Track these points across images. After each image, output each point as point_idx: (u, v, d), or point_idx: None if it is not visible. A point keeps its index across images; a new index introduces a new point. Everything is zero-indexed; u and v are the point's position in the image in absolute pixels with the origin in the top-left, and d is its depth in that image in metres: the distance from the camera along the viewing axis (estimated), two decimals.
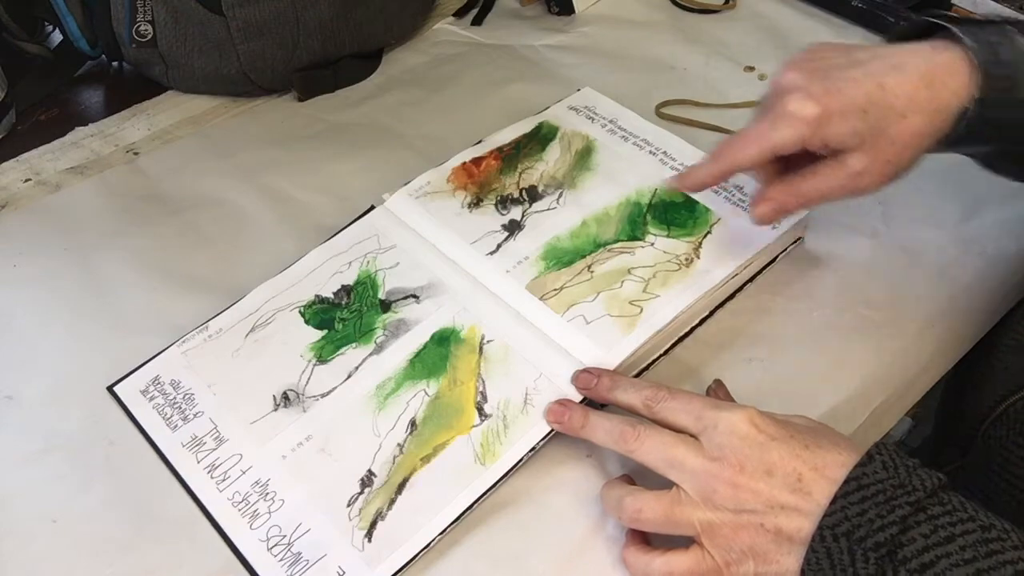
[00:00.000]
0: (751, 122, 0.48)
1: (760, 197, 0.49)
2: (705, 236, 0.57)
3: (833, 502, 0.38)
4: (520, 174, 0.62)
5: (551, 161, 0.63)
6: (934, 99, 0.45)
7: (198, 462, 0.48)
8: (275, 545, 0.45)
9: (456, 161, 0.62)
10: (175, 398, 0.51)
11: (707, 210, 0.58)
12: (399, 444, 0.48)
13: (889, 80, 0.45)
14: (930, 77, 0.45)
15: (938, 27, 0.48)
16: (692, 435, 0.43)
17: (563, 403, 0.48)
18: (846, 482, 0.39)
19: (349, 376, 0.51)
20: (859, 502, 0.38)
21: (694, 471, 0.41)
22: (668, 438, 0.43)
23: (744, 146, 0.47)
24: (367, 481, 0.47)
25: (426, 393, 0.50)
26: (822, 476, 0.39)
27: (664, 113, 0.70)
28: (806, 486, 0.39)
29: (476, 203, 0.60)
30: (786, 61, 0.48)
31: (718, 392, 0.50)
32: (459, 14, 0.83)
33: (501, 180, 0.61)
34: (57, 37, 0.74)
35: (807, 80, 0.46)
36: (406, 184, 0.61)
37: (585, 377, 0.48)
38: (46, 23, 0.74)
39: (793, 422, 0.43)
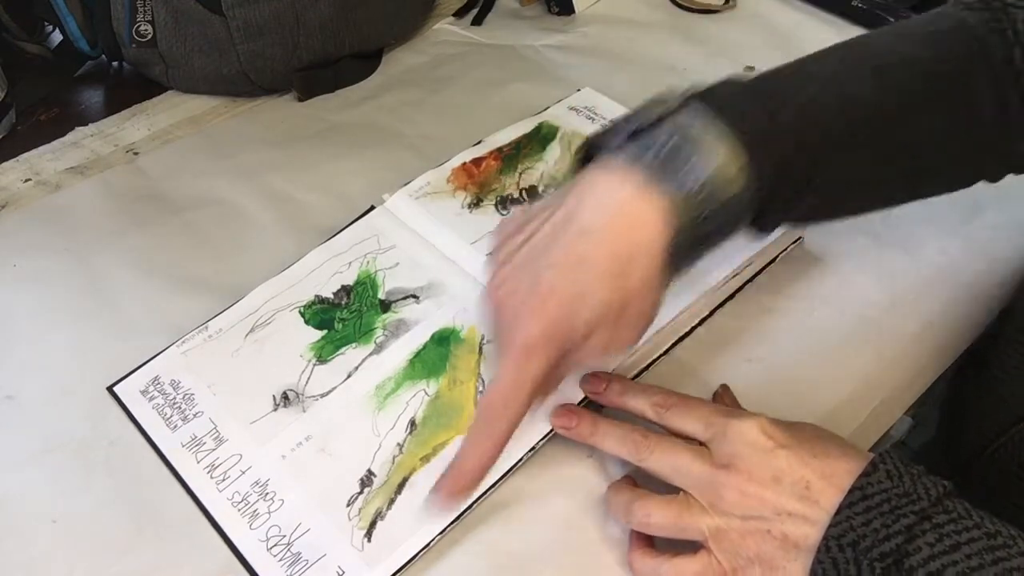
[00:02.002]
0: (495, 376, 0.41)
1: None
2: None
3: (838, 512, 0.38)
4: (520, 174, 0.62)
5: (551, 161, 0.63)
6: (635, 246, 0.40)
7: (198, 462, 0.48)
8: (275, 545, 0.45)
9: (456, 161, 0.62)
10: (175, 398, 0.51)
11: None
12: (399, 444, 0.48)
13: (583, 250, 0.40)
14: (619, 225, 0.40)
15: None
16: (701, 441, 0.43)
17: (571, 409, 0.47)
18: (850, 492, 0.39)
19: (349, 376, 0.51)
20: (864, 512, 0.38)
21: (702, 478, 0.41)
22: (677, 446, 0.43)
23: (506, 409, 0.40)
24: (367, 481, 0.47)
25: (426, 393, 0.50)
26: (830, 484, 0.39)
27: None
28: (814, 494, 0.39)
29: (476, 203, 0.60)
30: (489, 276, 0.43)
31: (724, 397, 0.50)
32: (459, 14, 0.83)
33: (501, 180, 0.61)
34: (57, 37, 0.74)
35: (515, 299, 0.41)
36: (406, 184, 0.61)
37: (595, 381, 0.48)
38: (46, 23, 0.74)
39: (802, 430, 0.42)
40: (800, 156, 0.41)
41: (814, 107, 0.42)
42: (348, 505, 0.46)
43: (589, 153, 0.43)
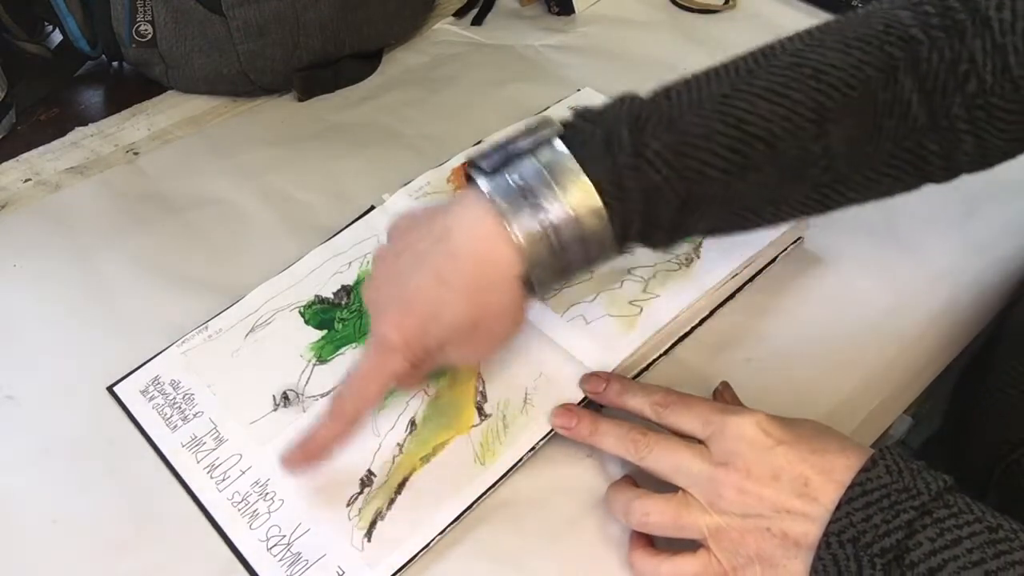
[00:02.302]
0: (358, 362, 0.44)
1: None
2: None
3: (838, 508, 0.38)
4: None
5: None
6: (490, 276, 0.42)
7: (198, 462, 0.48)
8: (275, 545, 0.45)
9: (456, 161, 0.62)
10: (175, 398, 0.51)
11: None
12: (399, 444, 0.48)
13: (445, 273, 0.42)
14: (478, 256, 0.42)
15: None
16: (700, 440, 0.43)
17: (570, 409, 0.47)
18: (850, 487, 0.38)
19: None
20: (864, 508, 0.38)
21: (701, 476, 0.41)
22: (676, 444, 0.43)
23: (362, 394, 0.44)
24: (367, 481, 0.47)
25: (426, 393, 0.50)
26: (829, 480, 0.39)
27: None
28: (813, 491, 0.39)
29: None
30: (372, 266, 0.46)
31: (724, 395, 0.50)
32: (459, 14, 0.83)
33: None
34: (57, 37, 0.74)
35: (382, 301, 0.44)
36: (406, 184, 0.61)
37: (595, 381, 0.48)
38: (46, 23, 0.74)
39: (801, 426, 0.42)
40: (676, 184, 0.41)
41: (698, 133, 0.41)
42: (348, 505, 0.46)
43: (470, 172, 0.44)
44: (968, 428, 0.59)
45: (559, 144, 0.42)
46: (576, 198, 0.41)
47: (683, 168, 0.41)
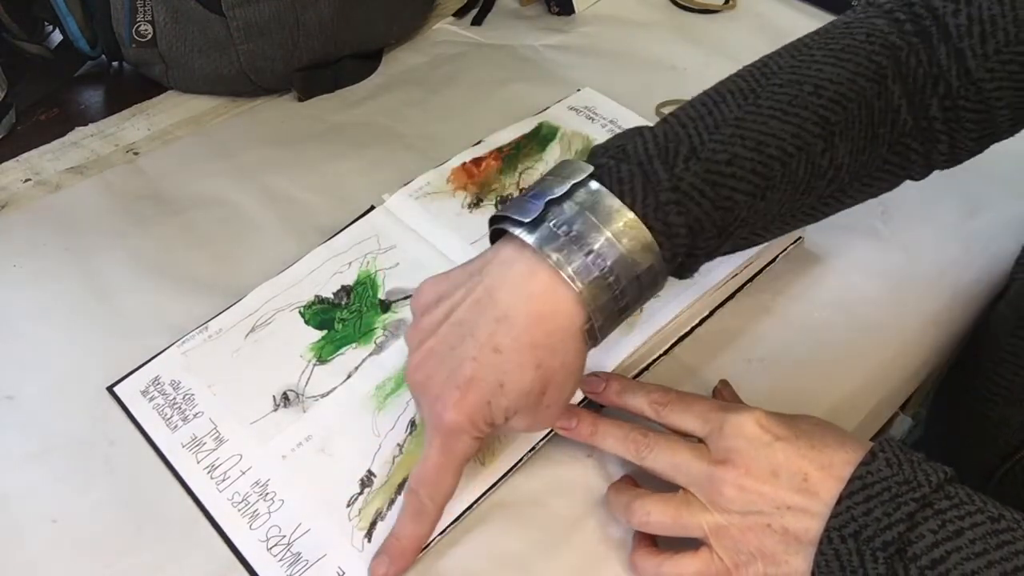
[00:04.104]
0: (424, 452, 0.42)
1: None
2: None
3: (838, 503, 0.38)
4: (520, 174, 0.62)
5: (551, 161, 0.63)
6: (553, 333, 0.40)
7: (198, 462, 0.48)
8: (275, 545, 0.45)
9: (456, 161, 0.62)
10: (175, 398, 0.51)
11: None
12: (399, 444, 0.48)
13: (500, 340, 0.39)
14: (536, 313, 0.39)
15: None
16: (699, 438, 0.43)
17: (571, 410, 0.47)
18: (850, 482, 0.38)
19: (349, 376, 0.51)
20: (864, 501, 0.38)
21: (700, 474, 0.41)
22: (675, 443, 0.43)
23: (438, 486, 0.42)
24: (367, 481, 0.47)
25: None
26: (829, 475, 0.39)
27: (664, 113, 0.70)
28: (813, 486, 0.39)
29: (476, 203, 0.60)
30: (408, 339, 0.44)
31: (723, 393, 0.50)
32: (459, 14, 0.83)
33: (501, 180, 0.61)
34: (57, 37, 0.74)
35: (436, 385, 0.41)
36: (406, 184, 0.61)
37: (594, 381, 0.48)
38: (46, 23, 0.74)
39: (800, 422, 0.42)
40: (712, 216, 0.41)
41: (723, 159, 0.40)
42: (348, 505, 0.46)
43: (496, 224, 0.42)
44: (963, 438, 0.59)
45: (596, 185, 0.40)
46: (628, 238, 0.39)
47: (716, 197, 0.40)
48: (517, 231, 0.40)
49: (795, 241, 0.59)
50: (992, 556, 0.36)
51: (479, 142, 0.64)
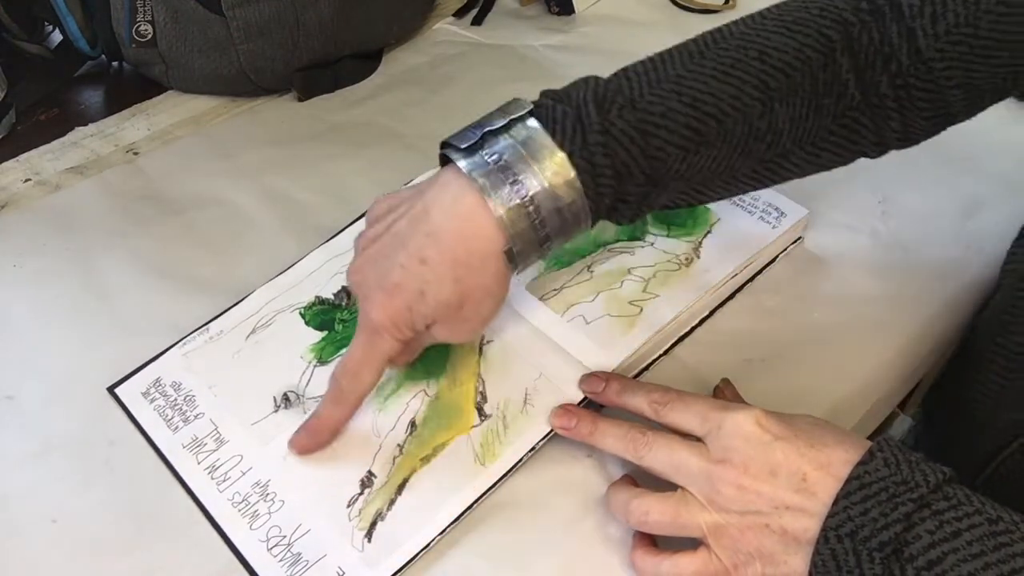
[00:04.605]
0: (350, 345, 0.46)
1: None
2: (705, 236, 0.57)
3: (836, 503, 0.38)
4: None
5: None
6: (474, 252, 0.43)
7: (199, 463, 0.48)
8: (275, 545, 0.45)
9: None
10: (176, 400, 0.51)
11: (707, 210, 0.58)
12: (399, 445, 0.48)
13: (427, 253, 0.43)
14: (461, 232, 0.43)
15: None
16: (698, 437, 0.43)
17: (570, 409, 0.47)
18: (848, 481, 0.38)
19: None
20: (862, 501, 0.38)
21: (699, 473, 0.41)
22: (674, 442, 0.43)
23: (358, 376, 0.46)
24: (367, 482, 0.47)
25: (426, 394, 0.50)
26: (828, 475, 0.39)
27: None
28: (811, 485, 0.39)
29: None
30: (355, 254, 0.47)
31: (725, 391, 0.50)
32: (459, 14, 0.83)
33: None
34: (57, 37, 0.74)
35: (368, 285, 0.45)
36: (406, 184, 0.61)
37: (594, 381, 0.48)
38: (46, 23, 0.74)
39: (799, 421, 0.42)
40: (641, 162, 0.42)
41: (657, 111, 0.43)
42: (348, 506, 0.46)
43: (445, 151, 0.45)
44: (947, 441, 0.59)
45: (532, 122, 0.43)
46: (552, 172, 0.42)
47: (647, 147, 0.42)
48: (454, 156, 0.44)
49: (795, 241, 0.59)
50: (989, 558, 0.36)
51: None
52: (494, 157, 0.43)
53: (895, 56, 0.45)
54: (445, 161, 0.45)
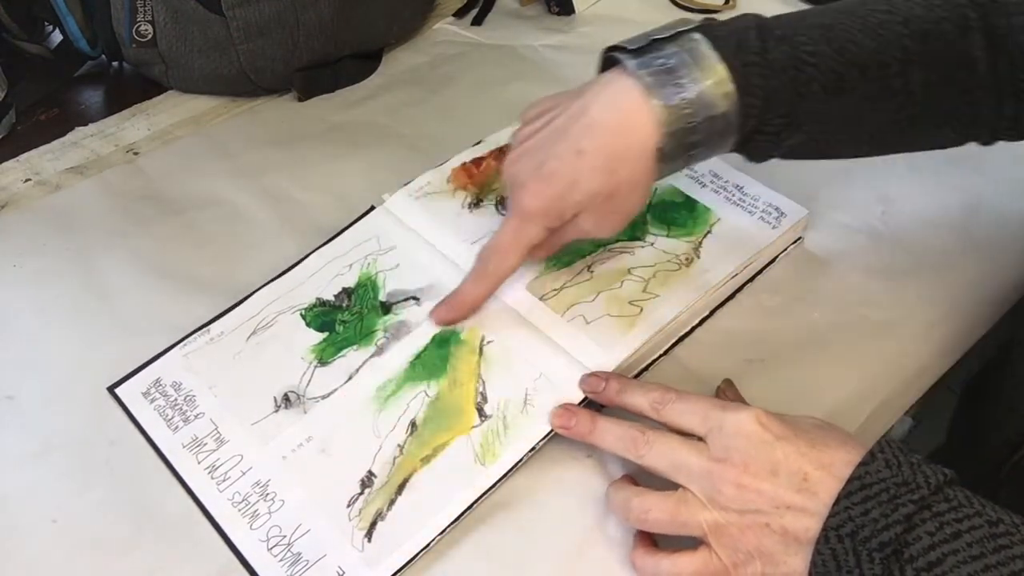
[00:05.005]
0: (499, 228, 0.50)
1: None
2: (705, 236, 0.57)
3: (836, 503, 0.38)
4: None
5: None
6: (629, 147, 0.46)
7: (199, 463, 0.48)
8: (275, 545, 0.45)
9: (456, 161, 0.62)
10: (176, 400, 0.51)
11: (707, 210, 0.58)
12: (399, 445, 0.48)
13: (584, 144, 0.46)
14: (619, 126, 0.46)
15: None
16: (699, 436, 0.43)
17: (569, 409, 0.47)
18: (849, 482, 0.38)
19: (350, 378, 0.51)
20: (862, 502, 0.38)
21: (699, 472, 0.41)
22: (674, 441, 0.43)
23: (504, 257, 0.50)
24: (367, 482, 0.47)
25: (426, 394, 0.50)
26: (828, 475, 0.39)
27: None
28: (812, 485, 0.39)
29: (476, 203, 0.60)
30: (510, 150, 0.51)
31: (727, 392, 0.50)
32: (459, 14, 0.83)
33: (501, 180, 0.61)
34: (57, 37, 0.74)
35: (524, 171, 0.48)
36: (406, 184, 0.61)
37: (593, 381, 0.48)
38: (46, 23, 0.74)
39: (800, 421, 0.42)
40: (787, 93, 0.46)
41: (808, 50, 0.46)
42: (348, 506, 0.46)
43: (609, 57, 0.49)
44: (978, 427, 0.59)
45: (698, 35, 0.47)
46: (712, 82, 0.45)
47: (795, 80, 0.46)
48: (622, 56, 0.47)
49: (795, 241, 0.59)
50: (989, 560, 0.36)
51: (479, 142, 0.64)
52: (660, 60, 0.46)
53: (1018, 45, 0.46)
54: (607, 66, 0.49)
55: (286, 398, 0.51)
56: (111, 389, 0.52)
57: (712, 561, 0.41)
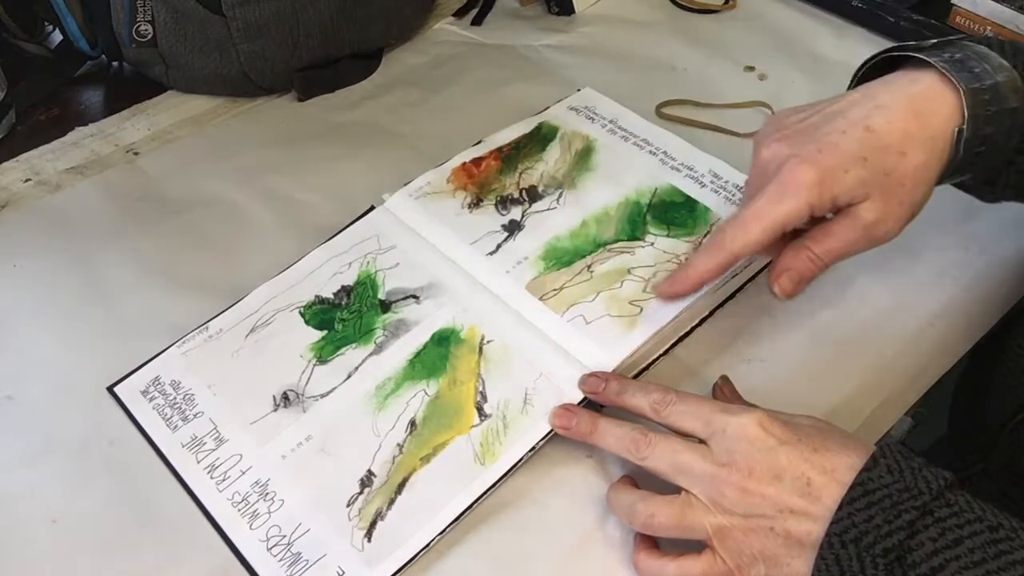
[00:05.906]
0: (745, 203, 0.46)
1: (778, 270, 0.48)
2: (705, 236, 0.57)
3: (840, 509, 0.38)
4: (520, 174, 0.62)
5: (551, 161, 0.63)
6: (926, 127, 0.44)
7: (198, 462, 0.48)
8: (275, 545, 0.45)
9: (456, 161, 0.62)
10: (175, 398, 0.51)
11: (707, 210, 0.58)
12: (399, 444, 0.48)
13: (875, 121, 0.44)
14: (915, 108, 0.45)
15: (901, 58, 0.47)
16: (701, 439, 0.43)
17: (570, 409, 0.47)
18: (852, 488, 0.39)
19: (349, 376, 0.51)
20: (865, 508, 0.38)
21: (703, 476, 0.41)
22: (677, 444, 0.43)
23: (745, 230, 0.45)
24: (367, 481, 0.47)
25: (426, 393, 0.50)
26: (832, 479, 0.39)
27: (664, 113, 0.70)
28: (815, 490, 0.39)
29: (476, 203, 0.60)
30: (758, 138, 0.47)
31: (724, 389, 0.50)
32: (459, 14, 0.83)
33: (501, 180, 0.61)
34: (57, 37, 0.74)
35: (793, 145, 0.45)
36: (406, 184, 0.61)
37: (593, 381, 0.48)
38: (46, 23, 0.74)
39: (802, 424, 0.43)
40: None
41: None
42: (348, 505, 0.46)
43: (861, 74, 0.48)
44: (981, 390, 0.59)
45: (968, 42, 0.46)
46: (1004, 76, 0.45)
47: None
48: (910, 51, 0.46)
49: None
50: (990, 565, 0.36)
51: (479, 142, 0.64)
52: (947, 54, 0.45)
53: None
54: (865, 77, 0.47)
55: (285, 397, 0.51)
56: (110, 388, 0.52)
57: (717, 564, 0.41)
